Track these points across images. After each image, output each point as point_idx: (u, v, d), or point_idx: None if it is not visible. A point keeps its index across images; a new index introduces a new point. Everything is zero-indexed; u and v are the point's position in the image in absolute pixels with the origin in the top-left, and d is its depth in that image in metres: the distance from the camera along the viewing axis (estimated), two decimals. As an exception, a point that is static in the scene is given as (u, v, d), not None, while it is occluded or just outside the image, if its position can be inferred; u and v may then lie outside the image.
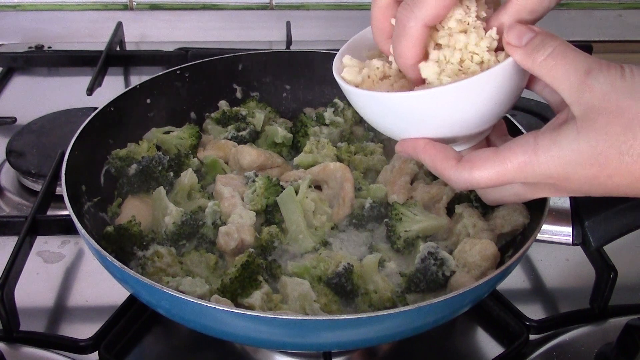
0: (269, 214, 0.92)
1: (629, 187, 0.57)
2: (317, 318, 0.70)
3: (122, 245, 0.84)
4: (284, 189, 0.91)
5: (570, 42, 0.65)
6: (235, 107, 1.13)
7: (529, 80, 0.67)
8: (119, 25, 1.57)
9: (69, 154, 0.88)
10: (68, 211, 0.79)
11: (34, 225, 0.95)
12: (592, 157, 0.56)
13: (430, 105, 0.63)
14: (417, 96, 0.63)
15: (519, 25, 0.61)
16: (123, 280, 0.75)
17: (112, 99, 1.00)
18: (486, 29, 0.65)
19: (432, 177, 1.01)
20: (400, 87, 0.70)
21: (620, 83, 0.56)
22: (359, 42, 0.77)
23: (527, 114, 1.35)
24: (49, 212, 1.01)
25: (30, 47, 1.59)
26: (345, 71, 0.72)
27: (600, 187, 0.58)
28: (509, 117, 1.00)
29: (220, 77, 1.14)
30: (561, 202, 0.86)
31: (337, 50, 0.77)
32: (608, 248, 0.89)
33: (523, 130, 0.97)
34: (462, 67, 0.65)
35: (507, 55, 0.63)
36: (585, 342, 0.86)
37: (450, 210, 0.92)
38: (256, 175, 0.93)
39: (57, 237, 1.03)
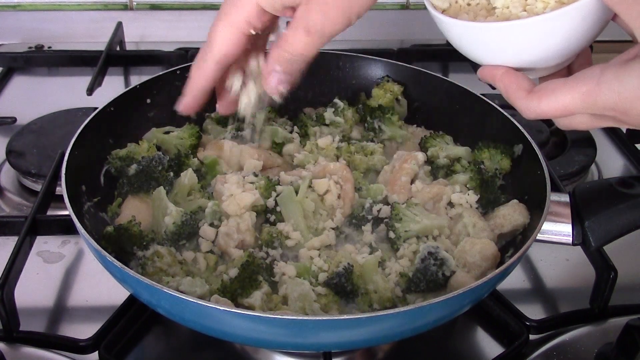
0: (269, 214, 0.92)
1: None
2: (317, 318, 0.71)
3: (122, 245, 0.84)
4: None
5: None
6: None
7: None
8: (119, 25, 1.57)
9: (69, 154, 0.88)
10: (68, 211, 0.79)
11: (34, 225, 0.95)
12: None
13: (514, 36, 0.65)
14: (502, 27, 0.65)
15: None
16: (123, 280, 0.75)
17: (112, 99, 1.00)
18: None
19: (432, 177, 1.01)
20: (486, 13, 0.70)
21: None
22: None
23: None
24: (49, 212, 1.01)
25: (30, 47, 1.60)
26: None
27: None
28: (509, 116, 1.01)
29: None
30: (561, 202, 0.86)
31: (338, 50, 0.77)
32: (608, 248, 0.89)
33: (522, 130, 0.97)
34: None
35: None
36: (585, 342, 0.86)
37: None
38: (256, 176, 0.93)
39: (57, 237, 1.03)
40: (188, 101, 0.81)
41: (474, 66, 1.40)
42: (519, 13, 0.66)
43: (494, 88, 0.72)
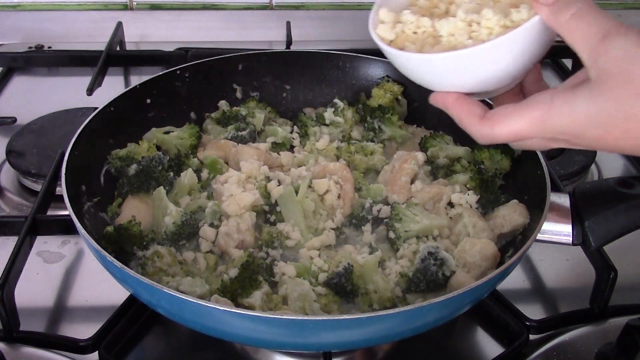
0: (269, 214, 0.92)
1: (631, 149, 0.60)
2: (317, 318, 0.71)
3: (122, 245, 0.84)
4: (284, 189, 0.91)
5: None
6: (235, 107, 1.13)
7: None
8: (119, 25, 1.57)
9: (69, 154, 0.88)
10: (68, 211, 0.79)
11: (34, 225, 0.95)
12: (600, 120, 0.58)
13: (461, 65, 0.66)
14: (448, 57, 0.65)
15: None
16: (123, 280, 0.75)
17: (112, 99, 1.00)
18: None
19: (432, 177, 1.01)
20: (433, 41, 0.70)
21: (635, 50, 0.57)
22: None
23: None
24: (49, 212, 1.01)
25: (30, 47, 1.59)
26: (380, 28, 0.72)
27: (608, 146, 0.61)
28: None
29: (220, 77, 1.14)
30: (561, 202, 0.86)
31: (338, 50, 0.77)
32: (608, 248, 0.89)
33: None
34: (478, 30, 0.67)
35: (533, 14, 0.63)
36: (585, 342, 0.86)
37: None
38: (269, 179, 0.93)
39: (57, 237, 1.03)
40: None
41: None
42: (465, 41, 0.66)
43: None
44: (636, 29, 0.58)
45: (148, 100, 1.07)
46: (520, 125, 0.63)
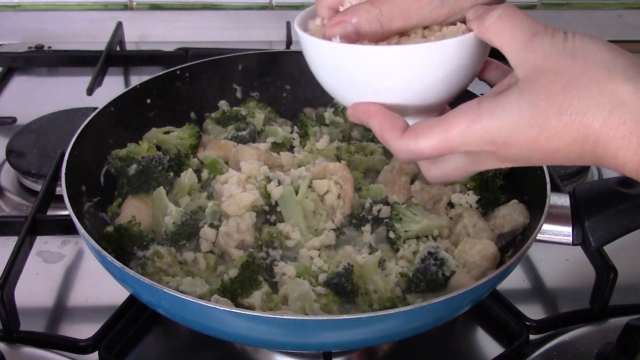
0: (269, 214, 0.92)
1: (566, 149, 0.57)
2: (317, 318, 0.71)
3: (122, 245, 0.84)
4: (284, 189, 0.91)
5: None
6: (235, 107, 1.13)
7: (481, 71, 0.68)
8: (119, 25, 1.57)
9: (69, 154, 0.88)
10: (68, 211, 0.79)
11: (34, 225, 0.95)
12: (532, 117, 0.56)
13: (384, 65, 0.62)
14: (373, 51, 0.62)
15: (478, 6, 0.62)
16: (123, 280, 0.75)
17: (112, 99, 1.00)
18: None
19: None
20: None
21: (563, 45, 0.56)
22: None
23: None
24: (49, 212, 1.01)
25: (30, 47, 1.59)
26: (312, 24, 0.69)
27: (540, 151, 0.58)
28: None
29: (220, 77, 1.14)
30: (561, 202, 0.86)
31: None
32: (608, 248, 0.89)
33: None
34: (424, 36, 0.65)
35: (468, 31, 0.63)
36: (585, 342, 0.86)
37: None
38: (269, 179, 0.93)
39: (57, 237, 1.03)
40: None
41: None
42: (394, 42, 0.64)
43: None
44: (562, 30, 0.58)
45: (148, 100, 1.07)
46: (447, 136, 0.59)
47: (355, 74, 0.64)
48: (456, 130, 0.59)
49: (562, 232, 0.84)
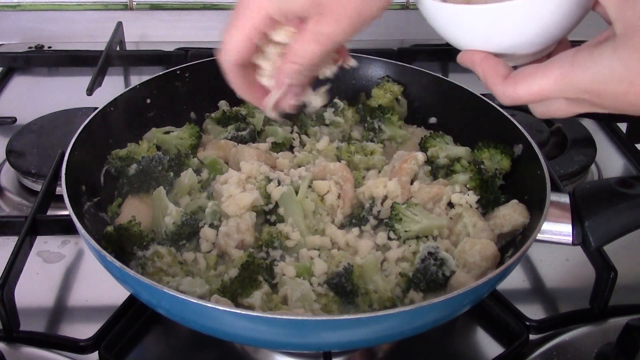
0: (269, 214, 0.92)
1: None
2: (317, 318, 0.71)
3: (122, 245, 0.84)
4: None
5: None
6: (235, 107, 1.13)
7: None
8: (119, 25, 1.57)
9: (69, 154, 0.88)
10: (68, 211, 0.79)
11: (34, 225, 0.95)
12: (623, 73, 0.58)
13: (493, 20, 0.66)
14: (481, 10, 0.65)
15: None
16: (123, 280, 0.75)
17: (112, 99, 1.00)
18: None
19: (432, 177, 1.01)
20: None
21: None
22: None
23: (527, 113, 1.36)
24: (49, 212, 1.01)
25: (30, 47, 1.60)
26: None
27: (630, 105, 0.60)
28: (509, 116, 1.01)
29: (220, 77, 1.13)
30: (561, 202, 0.86)
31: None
32: (608, 248, 0.89)
33: (522, 130, 0.97)
34: None
35: None
36: (585, 342, 0.86)
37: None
38: (269, 180, 0.93)
39: (57, 237, 1.03)
40: (246, 96, 0.82)
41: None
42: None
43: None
44: None
45: (148, 100, 1.07)
46: (543, 84, 0.62)
47: (466, 28, 0.69)
48: (551, 80, 0.62)
49: (562, 232, 0.84)
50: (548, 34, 0.67)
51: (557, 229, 0.84)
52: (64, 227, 0.97)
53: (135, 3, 1.70)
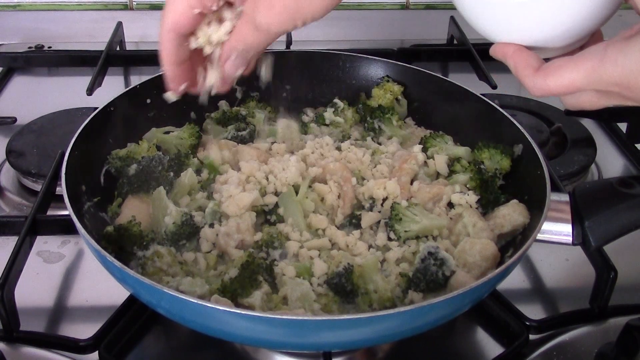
0: (269, 214, 0.92)
1: None
2: (317, 318, 0.71)
3: (122, 245, 0.84)
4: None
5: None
6: (235, 107, 1.13)
7: None
8: (119, 25, 1.57)
9: (69, 154, 0.88)
10: (68, 211, 0.79)
11: (34, 225, 0.95)
12: None
13: (526, 13, 0.66)
14: (515, 3, 0.66)
15: None
16: (123, 280, 0.75)
17: (112, 99, 1.00)
18: None
19: (432, 177, 1.01)
20: None
21: None
22: None
23: (527, 113, 1.36)
24: (49, 212, 1.01)
25: (30, 47, 1.60)
26: None
27: None
28: (509, 116, 1.01)
29: (220, 77, 1.14)
30: (561, 201, 0.86)
31: (338, 50, 0.77)
32: (608, 248, 0.89)
33: (522, 130, 0.97)
34: None
35: None
36: (585, 342, 0.86)
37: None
38: (267, 180, 0.93)
39: (57, 237, 1.03)
40: (167, 77, 0.83)
41: (473, 66, 1.40)
42: None
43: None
44: None
45: (148, 100, 1.07)
46: (574, 76, 0.63)
47: (499, 20, 0.70)
48: (581, 73, 0.62)
49: (562, 232, 0.84)
50: (580, 27, 0.67)
51: (557, 229, 0.84)
52: (64, 227, 0.97)
53: (135, 3, 1.70)
